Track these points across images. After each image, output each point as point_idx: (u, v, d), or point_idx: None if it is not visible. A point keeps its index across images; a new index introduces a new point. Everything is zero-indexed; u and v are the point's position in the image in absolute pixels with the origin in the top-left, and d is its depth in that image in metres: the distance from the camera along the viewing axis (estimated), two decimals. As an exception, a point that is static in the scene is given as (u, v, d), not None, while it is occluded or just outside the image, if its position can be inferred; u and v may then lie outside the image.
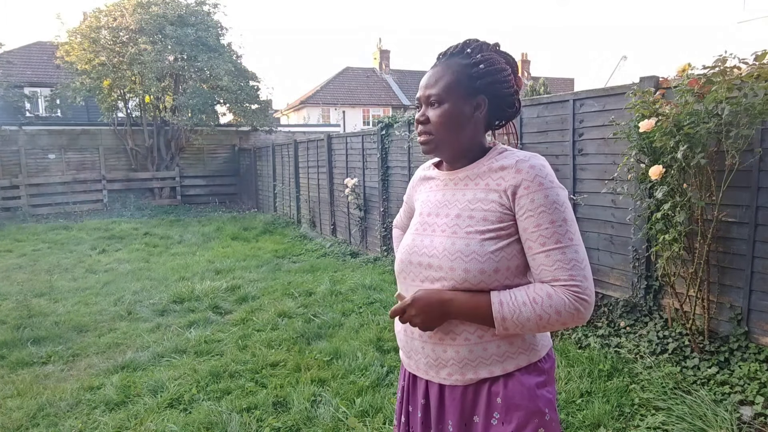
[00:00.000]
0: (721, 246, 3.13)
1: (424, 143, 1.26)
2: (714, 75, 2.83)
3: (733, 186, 2.96)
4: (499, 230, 1.17)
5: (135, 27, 12.92)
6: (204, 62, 13.18)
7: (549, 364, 1.26)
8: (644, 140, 3.10)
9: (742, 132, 2.77)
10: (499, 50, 1.26)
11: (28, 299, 5.48)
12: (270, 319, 4.67)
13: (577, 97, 4.01)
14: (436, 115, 1.21)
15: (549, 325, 1.12)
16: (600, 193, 3.82)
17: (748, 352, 2.97)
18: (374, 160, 7.25)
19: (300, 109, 28.62)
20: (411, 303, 1.18)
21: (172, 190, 14.85)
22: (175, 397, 3.21)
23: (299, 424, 2.87)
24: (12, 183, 12.87)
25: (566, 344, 3.67)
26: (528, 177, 1.15)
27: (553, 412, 1.21)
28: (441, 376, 1.23)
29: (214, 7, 14.49)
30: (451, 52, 1.25)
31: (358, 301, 5.11)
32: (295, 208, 10.73)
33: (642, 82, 3.41)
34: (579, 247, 1.14)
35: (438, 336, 1.22)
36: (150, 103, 14.00)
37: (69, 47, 13.23)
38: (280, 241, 9.04)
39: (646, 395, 2.90)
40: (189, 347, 4.04)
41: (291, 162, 10.84)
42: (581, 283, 1.11)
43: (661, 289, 3.53)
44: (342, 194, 8.22)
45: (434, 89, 1.21)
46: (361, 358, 3.64)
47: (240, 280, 6.14)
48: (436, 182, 1.34)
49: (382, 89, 29.34)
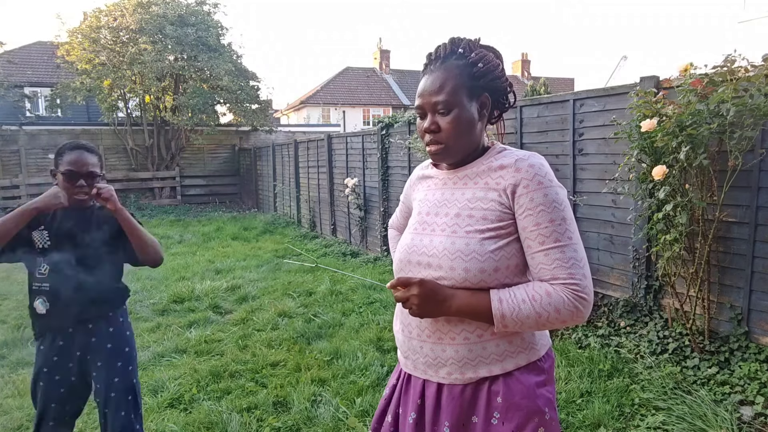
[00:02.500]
0: (721, 246, 3.13)
1: (435, 152, 1.22)
2: (718, 75, 2.83)
3: (733, 186, 2.96)
4: (499, 229, 1.17)
5: (135, 27, 12.92)
6: (204, 62, 13.18)
7: (548, 364, 1.26)
8: (645, 140, 3.09)
9: (746, 133, 2.76)
10: (485, 45, 1.26)
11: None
12: (270, 318, 4.67)
13: (578, 97, 4.01)
14: (448, 122, 1.18)
15: (548, 323, 1.12)
16: (600, 193, 3.82)
17: (748, 352, 2.97)
18: (374, 160, 7.25)
19: (300, 109, 28.63)
20: (418, 283, 1.15)
21: (173, 190, 14.85)
22: (176, 396, 3.21)
23: (299, 423, 2.87)
24: (12, 183, 12.88)
25: (566, 344, 3.67)
26: (527, 176, 1.15)
27: (553, 411, 1.21)
28: (440, 375, 1.23)
29: (215, 6, 14.49)
30: (443, 54, 1.22)
31: (359, 301, 5.11)
32: (296, 208, 10.72)
33: (642, 82, 3.41)
34: (578, 246, 1.14)
35: (437, 335, 1.22)
36: (150, 103, 13.99)
37: (69, 47, 13.23)
38: (281, 241, 9.04)
39: (647, 395, 2.90)
40: (189, 347, 4.04)
41: (291, 162, 10.84)
42: (580, 282, 1.11)
43: (662, 289, 3.52)
44: (342, 194, 8.22)
45: (441, 96, 1.17)
46: (362, 358, 3.64)
47: (240, 280, 6.15)
48: (435, 181, 1.33)
49: (383, 89, 29.34)
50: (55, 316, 1.93)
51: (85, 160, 1.92)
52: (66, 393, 1.96)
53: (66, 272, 1.91)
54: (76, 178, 1.90)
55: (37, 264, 1.93)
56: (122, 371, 2.00)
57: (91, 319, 1.98)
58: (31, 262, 1.93)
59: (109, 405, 1.96)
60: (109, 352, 1.99)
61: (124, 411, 1.98)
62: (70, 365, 1.96)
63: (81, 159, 1.91)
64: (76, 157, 1.91)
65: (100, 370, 1.97)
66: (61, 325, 1.95)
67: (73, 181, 1.90)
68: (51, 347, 1.95)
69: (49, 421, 1.94)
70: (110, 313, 2.04)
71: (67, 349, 1.96)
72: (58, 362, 1.95)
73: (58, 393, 1.94)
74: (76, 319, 1.95)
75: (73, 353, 1.96)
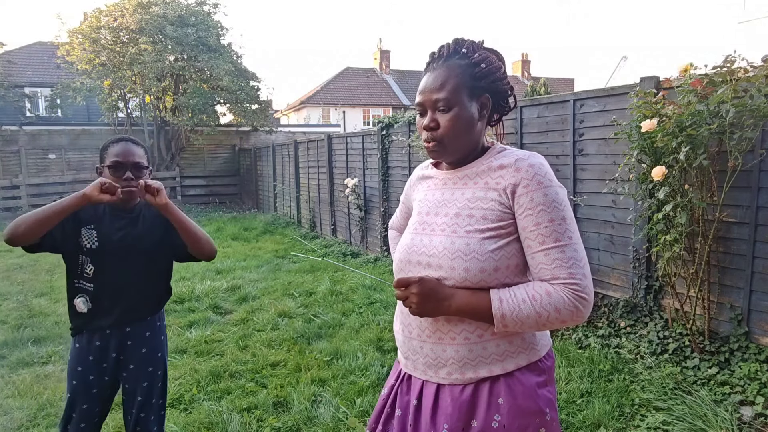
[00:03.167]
0: (721, 246, 3.13)
1: (433, 149, 1.23)
2: (718, 75, 2.83)
3: (733, 186, 2.96)
4: (499, 229, 1.17)
5: (135, 27, 12.93)
6: (204, 62, 13.19)
7: (549, 364, 1.26)
8: (645, 140, 3.09)
9: (746, 134, 2.76)
10: (488, 48, 1.26)
11: (29, 299, 5.49)
12: (270, 319, 4.67)
13: (578, 97, 4.01)
14: (447, 119, 1.19)
15: (548, 322, 1.12)
16: (600, 193, 3.82)
17: (748, 353, 2.97)
18: (374, 160, 7.25)
19: (300, 109, 28.63)
20: (418, 281, 1.16)
21: (173, 190, 14.85)
22: (176, 397, 3.21)
23: (299, 424, 2.87)
24: (12, 183, 12.88)
25: (566, 344, 3.67)
26: (527, 176, 1.15)
27: (554, 411, 1.21)
28: (440, 375, 1.23)
29: (215, 7, 14.51)
30: (446, 54, 1.23)
31: (359, 301, 5.11)
32: (296, 208, 10.72)
33: (642, 83, 3.41)
34: (578, 246, 1.14)
35: (437, 335, 1.22)
36: (150, 103, 14.00)
37: (69, 47, 13.24)
38: (281, 241, 9.04)
39: (647, 395, 2.90)
40: (189, 347, 4.04)
41: (291, 162, 10.84)
42: (580, 282, 1.11)
43: (662, 289, 3.52)
44: (342, 194, 8.22)
45: (441, 93, 1.18)
46: (362, 358, 3.64)
47: (240, 280, 6.15)
48: (435, 181, 1.33)
49: (383, 89, 29.34)
50: (95, 316, 1.90)
51: (131, 150, 1.86)
52: (97, 393, 1.93)
53: (112, 277, 1.88)
54: (123, 170, 1.83)
55: (81, 262, 1.88)
56: (152, 376, 1.98)
57: (129, 322, 1.95)
58: (75, 258, 1.89)
59: (136, 408, 1.95)
60: (143, 357, 1.96)
61: (148, 414, 1.97)
62: (104, 365, 1.93)
63: (127, 150, 1.85)
64: (122, 149, 1.85)
65: (131, 372, 1.95)
66: (100, 325, 1.91)
67: (120, 174, 1.83)
68: (88, 347, 1.92)
69: (80, 422, 1.90)
70: (149, 317, 2.01)
71: (105, 350, 1.92)
72: (93, 362, 1.92)
73: (90, 393, 1.91)
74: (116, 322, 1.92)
75: (110, 355, 1.93)
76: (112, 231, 1.90)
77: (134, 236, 1.92)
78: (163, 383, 2.05)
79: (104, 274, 1.88)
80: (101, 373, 1.93)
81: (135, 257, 1.91)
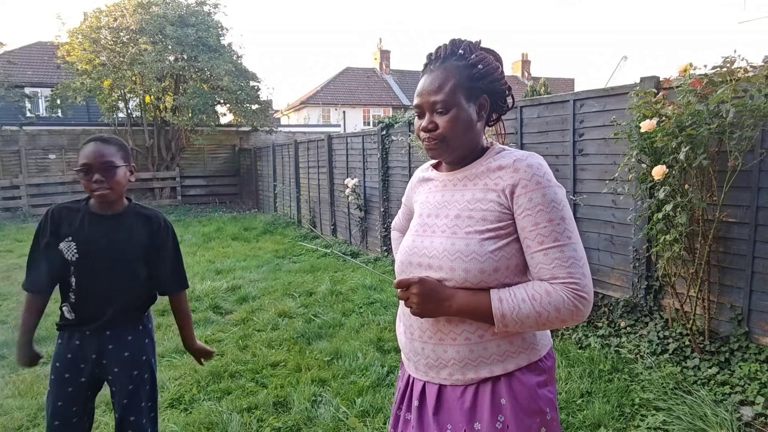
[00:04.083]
0: (721, 246, 3.13)
1: (432, 149, 1.23)
2: (718, 75, 2.83)
3: (733, 186, 2.96)
4: (498, 230, 1.17)
5: (135, 27, 12.93)
6: (204, 62, 13.19)
7: (549, 364, 1.26)
8: (645, 140, 3.10)
9: (746, 133, 2.76)
10: (485, 48, 1.26)
11: (29, 299, 5.48)
12: (270, 319, 4.67)
13: (578, 97, 4.01)
14: (445, 121, 1.19)
15: (548, 322, 1.12)
16: (600, 193, 3.82)
17: (748, 353, 2.97)
18: (375, 161, 7.25)
19: (300, 109, 28.64)
20: (418, 282, 1.16)
21: (173, 190, 14.86)
22: (176, 397, 3.21)
23: (300, 424, 2.87)
24: (12, 183, 12.88)
25: (566, 344, 3.67)
26: (526, 176, 1.15)
27: (554, 411, 1.21)
28: (441, 376, 1.23)
29: (215, 7, 14.50)
30: (443, 55, 1.23)
31: (359, 301, 5.11)
32: (296, 208, 10.73)
33: (642, 83, 3.41)
34: (577, 245, 1.14)
35: (438, 336, 1.22)
36: (150, 104, 14.00)
37: (69, 47, 13.24)
38: (281, 242, 9.04)
39: (647, 395, 2.90)
40: (189, 347, 4.04)
41: (291, 162, 10.84)
42: (580, 281, 1.11)
43: (662, 289, 3.52)
44: (342, 194, 8.22)
45: (439, 95, 1.18)
46: (362, 358, 3.65)
47: (240, 280, 6.15)
48: (435, 183, 1.33)
49: (383, 89, 29.34)
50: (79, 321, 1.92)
51: (100, 151, 1.81)
52: (72, 393, 1.92)
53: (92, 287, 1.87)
54: (91, 172, 1.80)
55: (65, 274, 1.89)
56: (137, 379, 1.97)
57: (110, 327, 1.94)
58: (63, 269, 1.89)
59: (123, 410, 1.95)
60: (126, 360, 1.95)
61: (138, 417, 1.96)
62: (82, 366, 1.92)
63: (96, 151, 1.80)
64: (90, 150, 1.81)
65: (115, 375, 1.95)
66: (80, 327, 1.92)
67: (90, 176, 1.80)
68: (68, 344, 1.93)
69: (54, 419, 1.91)
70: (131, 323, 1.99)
71: (83, 350, 1.92)
72: (71, 360, 1.92)
73: (65, 391, 1.91)
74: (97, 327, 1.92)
75: (88, 355, 1.92)
76: (92, 239, 1.87)
77: (116, 242, 1.90)
78: (152, 386, 2.03)
79: (85, 284, 1.87)
80: (78, 373, 1.92)
81: (116, 265, 1.89)
